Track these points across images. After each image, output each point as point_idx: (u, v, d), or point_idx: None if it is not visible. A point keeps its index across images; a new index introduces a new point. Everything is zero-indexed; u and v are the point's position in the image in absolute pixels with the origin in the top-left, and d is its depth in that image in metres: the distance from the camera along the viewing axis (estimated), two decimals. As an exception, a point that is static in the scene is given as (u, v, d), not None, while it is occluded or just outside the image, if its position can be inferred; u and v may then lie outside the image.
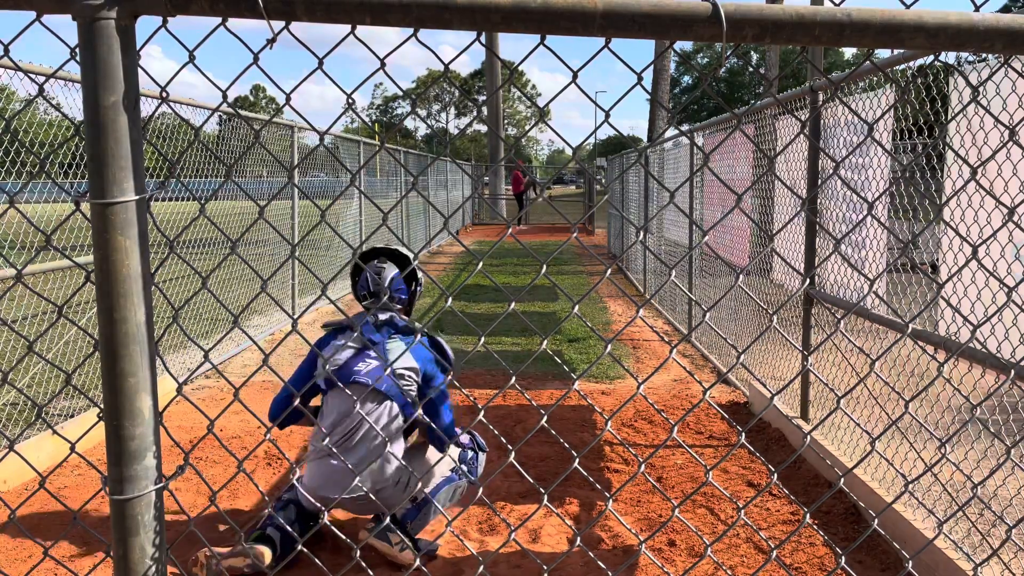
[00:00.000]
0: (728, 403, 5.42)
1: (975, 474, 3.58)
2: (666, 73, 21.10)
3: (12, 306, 7.12)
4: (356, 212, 11.11)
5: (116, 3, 1.04)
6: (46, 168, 1.24)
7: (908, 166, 1.33)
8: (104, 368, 1.11)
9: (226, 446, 1.33)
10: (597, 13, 1.08)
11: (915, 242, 6.14)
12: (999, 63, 2.51)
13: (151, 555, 1.14)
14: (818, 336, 4.62)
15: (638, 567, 3.16)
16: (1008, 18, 1.12)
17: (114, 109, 1.06)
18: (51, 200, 5.91)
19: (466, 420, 5.00)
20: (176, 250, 1.25)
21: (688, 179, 1.53)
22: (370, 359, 3.08)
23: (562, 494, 3.83)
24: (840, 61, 41.62)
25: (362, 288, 3.20)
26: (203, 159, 6.46)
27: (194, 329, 6.76)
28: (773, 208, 5.44)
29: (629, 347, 7.27)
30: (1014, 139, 1.26)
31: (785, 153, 5.05)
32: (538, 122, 1.24)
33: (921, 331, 3.10)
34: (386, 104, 78.62)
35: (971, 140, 2.83)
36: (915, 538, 3.05)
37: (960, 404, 4.40)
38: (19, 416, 4.85)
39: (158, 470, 1.15)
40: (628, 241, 13.35)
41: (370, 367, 3.07)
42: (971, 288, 2.86)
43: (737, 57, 1.19)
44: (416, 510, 3.18)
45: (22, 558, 3.20)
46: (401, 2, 1.06)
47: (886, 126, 3.83)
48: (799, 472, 4.09)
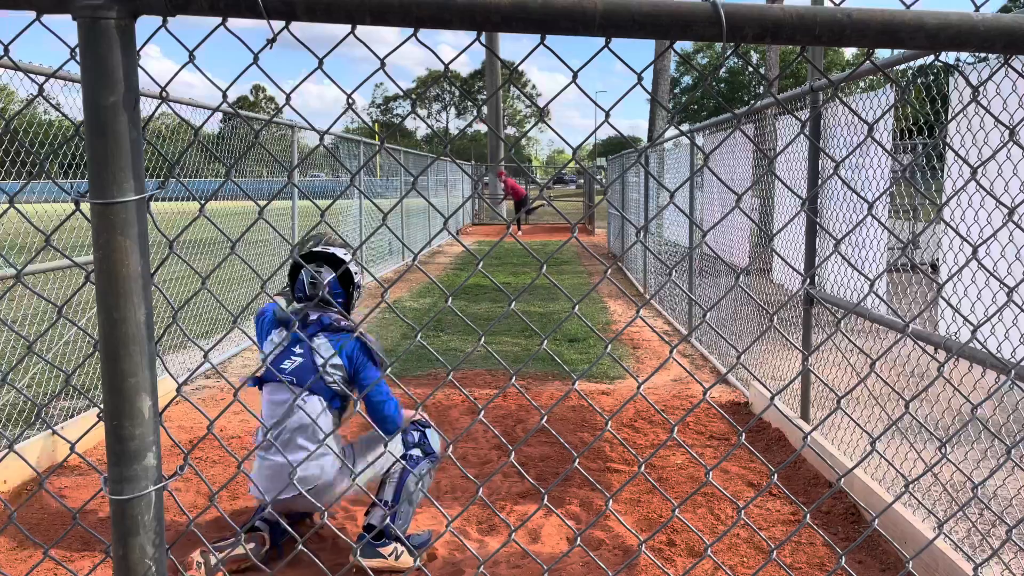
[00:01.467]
0: (728, 403, 5.42)
1: (975, 474, 3.58)
2: (666, 73, 21.11)
3: (12, 306, 7.12)
4: (356, 212, 11.11)
5: (116, 3, 1.04)
6: (46, 168, 1.24)
7: (908, 166, 1.33)
8: (104, 368, 1.11)
9: (226, 446, 1.33)
10: (597, 13, 1.07)
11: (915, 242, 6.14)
12: (999, 63, 2.51)
13: (151, 555, 1.14)
14: (818, 336, 4.62)
15: (638, 567, 3.16)
16: (1008, 18, 1.12)
17: (114, 109, 1.06)
18: (51, 200, 5.91)
19: (466, 420, 5.00)
20: (176, 250, 1.25)
21: (688, 179, 1.53)
22: (294, 356, 3.14)
23: (562, 494, 3.83)
24: (840, 61, 41.63)
25: (299, 291, 3.26)
26: (202, 160, 6.45)
27: (194, 329, 6.76)
28: (773, 208, 5.44)
29: (629, 347, 7.27)
30: (1014, 139, 1.26)
31: (785, 153, 5.05)
32: (538, 122, 1.24)
33: (921, 331, 3.10)
34: (386, 104, 78.63)
35: (971, 140, 2.83)
36: (915, 538, 3.05)
37: (960, 404, 4.40)
38: (19, 416, 4.85)
39: (158, 470, 1.15)
40: (628, 241, 13.36)
41: (295, 364, 3.11)
42: (971, 288, 2.86)
43: (737, 57, 1.19)
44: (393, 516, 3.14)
45: (22, 558, 3.20)
46: (401, 2, 1.06)
47: (886, 126, 3.83)
48: (799, 472, 4.09)
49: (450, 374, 1.28)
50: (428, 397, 1.35)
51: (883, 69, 2.55)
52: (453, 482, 3.98)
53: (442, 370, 6.20)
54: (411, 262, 1.18)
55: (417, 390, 5.69)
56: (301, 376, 3.07)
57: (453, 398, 5.43)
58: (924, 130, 3.67)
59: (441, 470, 4.07)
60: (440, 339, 7.56)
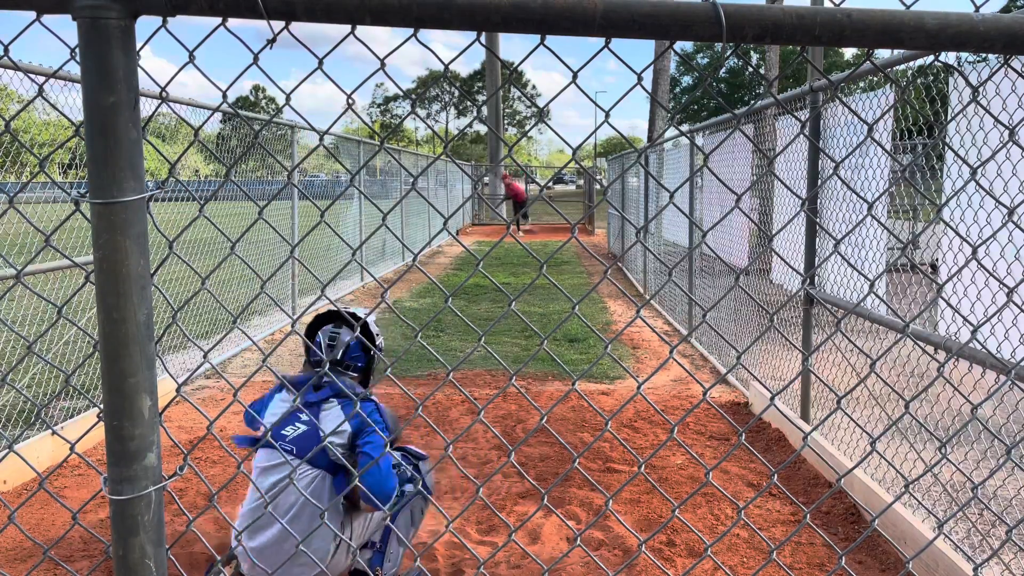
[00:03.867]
0: (728, 403, 5.42)
1: (975, 474, 3.58)
2: (666, 73, 21.10)
3: (12, 306, 7.12)
4: (356, 212, 11.11)
5: (116, 3, 1.04)
6: (46, 168, 1.24)
7: (908, 166, 1.33)
8: (104, 368, 1.11)
9: (226, 446, 1.33)
10: (597, 13, 1.07)
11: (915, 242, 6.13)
12: (999, 63, 2.51)
13: (151, 555, 1.14)
14: (818, 336, 4.62)
15: (638, 567, 3.16)
16: (1008, 18, 1.12)
17: (114, 109, 1.06)
18: (51, 200, 5.91)
19: (466, 420, 5.00)
20: (176, 250, 1.25)
21: (688, 179, 1.53)
22: (299, 423, 2.80)
23: (562, 494, 3.83)
24: (840, 61, 41.63)
25: (314, 355, 2.98)
26: (202, 161, 6.46)
27: (194, 329, 6.76)
28: (773, 208, 5.44)
29: (629, 347, 7.27)
30: (1014, 139, 1.26)
31: (785, 153, 5.05)
32: (537, 122, 1.24)
33: (921, 331, 3.10)
34: (386, 104, 78.63)
35: (971, 140, 2.83)
36: (915, 538, 3.05)
37: (960, 404, 4.40)
38: (19, 416, 4.85)
39: (158, 470, 1.15)
40: (628, 241, 13.36)
41: (298, 431, 2.78)
42: (971, 288, 2.86)
43: (737, 57, 1.19)
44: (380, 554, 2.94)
45: (22, 558, 3.20)
46: (401, 2, 1.06)
47: (886, 126, 3.83)
48: (799, 472, 4.09)
49: (450, 374, 1.28)
50: (428, 397, 1.35)
51: (883, 69, 2.55)
52: (453, 482, 3.98)
53: (442, 370, 6.20)
54: (411, 262, 1.18)
55: (417, 390, 5.69)
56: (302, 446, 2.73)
57: (453, 398, 5.43)
58: (924, 130, 3.67)
59: (441, 470, 4.07)
60: (440, 339, 7.56)
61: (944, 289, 3.07)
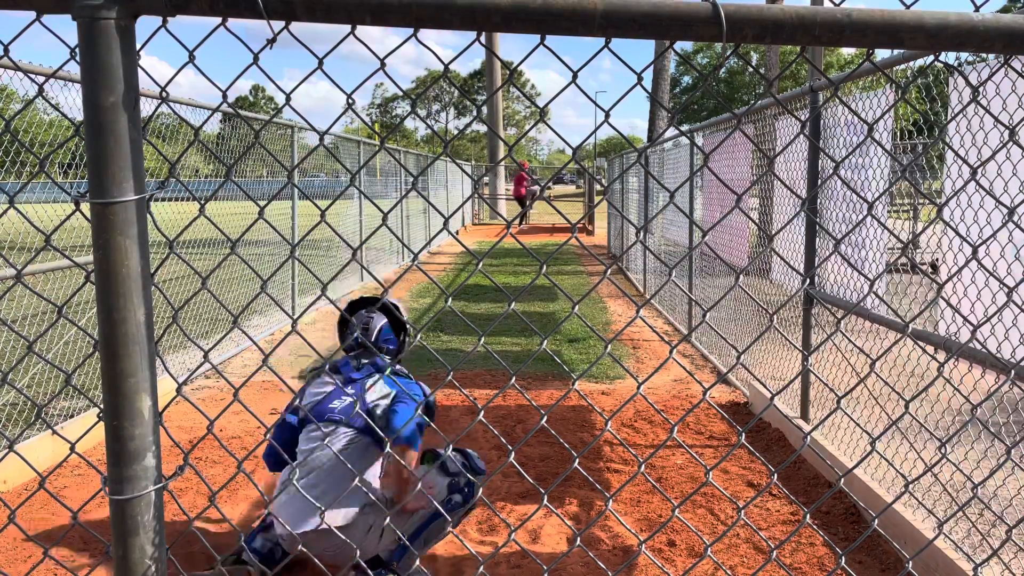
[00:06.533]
0: (728, 403, 5.42)
1: (975, 474, 3.58)
2: (666, 73, 21.09)
3: (12, 306, 7.12)
4: (356, 212, 11.11)
5: (116, 3, 1.04)
6: (46, 168, 1.24)
7: (908, 166, 1.33)
8: (104, 368, 1.11)
9: (226, 446, 1.33)
10: (597, 13, 1.07)
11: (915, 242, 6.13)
12: (999, 63, 2.51)
13: (151, 555, 1.14)
14: (818, 336, 4.62)
15: (638, 567, 3.16)
16: (1008, 18, 1.12)
17: (114, 109, 1.06)
18: (51, 200, 5.91)
19: (466, 420, 5.00)
20: (176, 250, 1.25)
21: (688, 179, 1.53)
22: (346, 396, 3.04)
23: (562, 494, 3.83)
24: (839, 62, 41.63)
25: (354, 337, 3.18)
26: (202, 161, 6.46)
27: (194, 329, 6.76)
28: (773, 208, 5.44)
29: (629, 347, 7.27)
30: (1014, 139, 1.26)
31: (785, 153, 5.05)
32: (537, 122, 1.24)
33: (921, 331, 3.10)
34: (386, 104, 78.61)
35: (971, 140, 2.83)
36: (915, 538, 3.05)
37: (960, 404, 4.40)
38: (19, 416, 4.85)
39: (158, 470, 1.15)
40: (628, 241, 13.36)
41: (344, 403, 3.03)
42: (971, 288, 2.86)
43: (737, 57, 1.19)
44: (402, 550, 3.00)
45: (22, 558, 3.20)
46: (401, 2, 1.06)
47: (886, 126, 3.83)
48: (799, 472, 4.09)
49: (450, 374, 1.28)
50: (428, 397, 1.35)
51: (883, 69, 2.55)
52: (453, 482, 3.98)
53: (442, 370, 6.19)
54: (411, 262, 1.18)
55: (417, 390, 5.69)
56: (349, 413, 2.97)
57: (453, 398, 5.43)
58: (924, 130, 3.67)
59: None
60: (440, 339, 7.56)
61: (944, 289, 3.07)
